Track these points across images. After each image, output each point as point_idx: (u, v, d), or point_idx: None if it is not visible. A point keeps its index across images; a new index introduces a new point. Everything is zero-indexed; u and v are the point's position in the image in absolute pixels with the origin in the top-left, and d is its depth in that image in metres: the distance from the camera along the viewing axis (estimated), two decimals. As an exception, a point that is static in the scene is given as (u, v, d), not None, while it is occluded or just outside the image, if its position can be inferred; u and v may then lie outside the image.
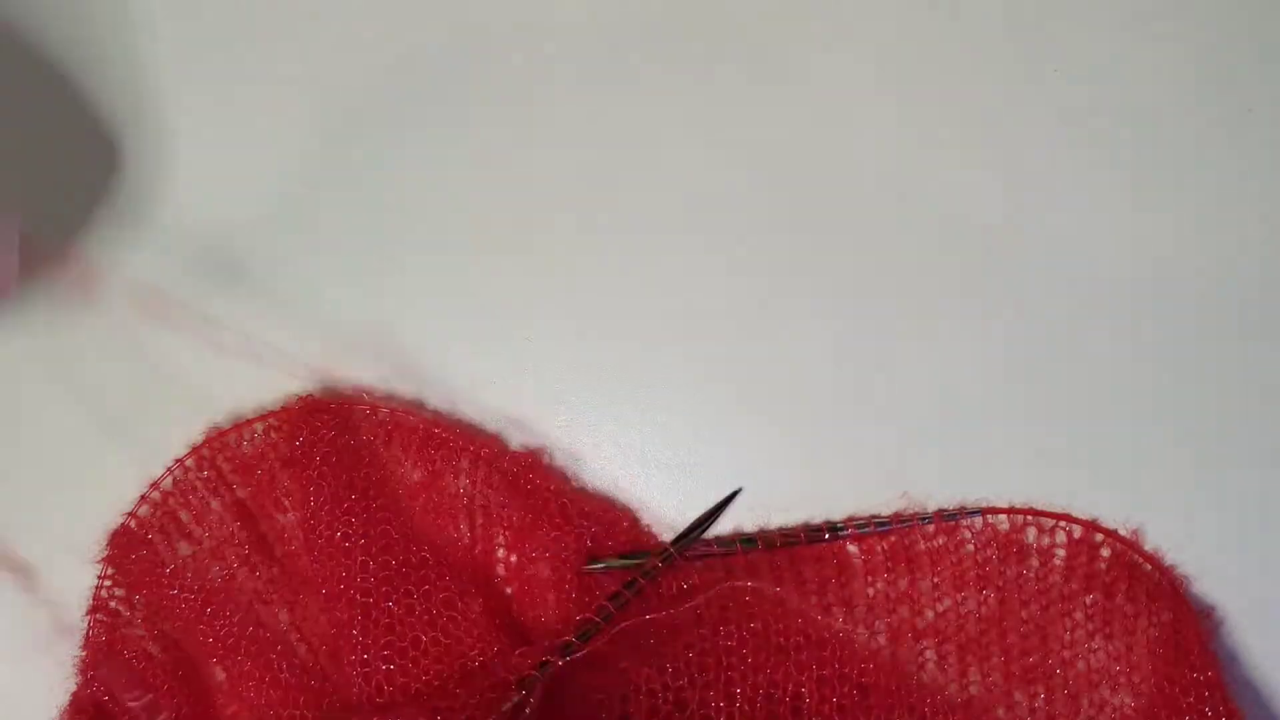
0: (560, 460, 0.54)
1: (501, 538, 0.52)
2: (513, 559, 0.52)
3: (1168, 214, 0.54)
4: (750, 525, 0.53)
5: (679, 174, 0.55)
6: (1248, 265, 0.53)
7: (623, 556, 0.51)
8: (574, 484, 0.54)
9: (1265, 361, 0.53)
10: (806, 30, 0.55)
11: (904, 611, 0.51)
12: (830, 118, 0.55)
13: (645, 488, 0.54)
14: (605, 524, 0.52)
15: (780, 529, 0.52)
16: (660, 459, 0.54)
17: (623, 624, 0.49)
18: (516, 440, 0.54)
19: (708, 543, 0.52)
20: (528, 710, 0.46)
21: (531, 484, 0.52)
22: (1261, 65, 0.55)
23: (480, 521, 0.52)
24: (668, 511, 0.53)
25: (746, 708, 0.48)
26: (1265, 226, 0.53)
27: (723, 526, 0.53)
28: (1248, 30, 0.55)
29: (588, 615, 0.49)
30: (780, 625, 0.50)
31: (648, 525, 0.53)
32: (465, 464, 0.53)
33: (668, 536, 0.53)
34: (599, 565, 0.51)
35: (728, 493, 0.53)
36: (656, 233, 0.55)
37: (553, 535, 0.51)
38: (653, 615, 0.49)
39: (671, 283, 0.55)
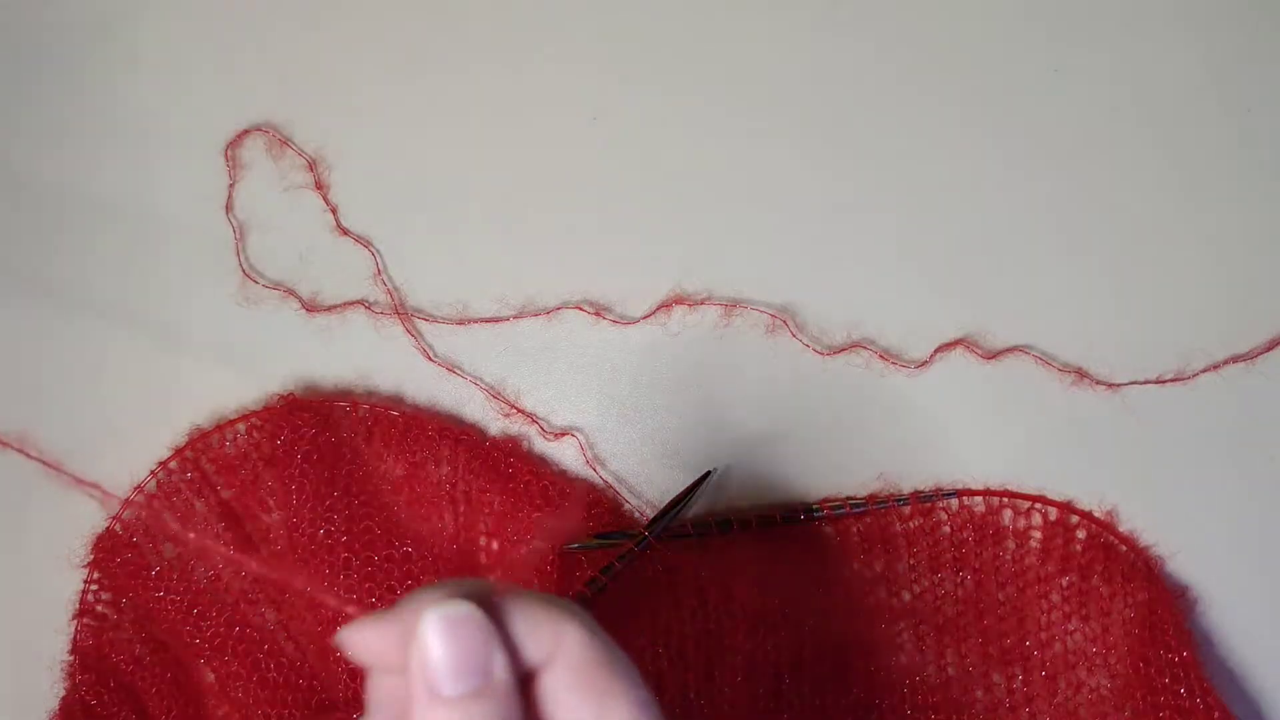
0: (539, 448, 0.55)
1: (484, 524, 0.53)
2: (494, 545, 0.53)
3: (1164, 211, 0.54)
4: (725, 506, 0.53)
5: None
6: (1229, 260, 0.54)
7: (601, 536, 0.51)
8: (553, 468, 0.54)
9: (1239, 346, 0.53)
10: None
11: (881, 593, 0.51)
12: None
13: (621, 467, 0.54)
14: (585, 505, 0.52)
15: (755, 510, 0.53)
16: (637, 440, 0.54)
17: (600, 608, 0.49)
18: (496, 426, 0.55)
19: (683, 524, 0.52)
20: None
21: (512, 468, 0.52)
22: (1261, 65, 0.55)
23: (463, 509, 0.53)
24: (646, 492, 0.54)
25: (726, 690, 0.48)
26: (1263, 227, 0.54)
27: (698, 507, 0.53)
28: (1248, 30, 0.55)
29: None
30: (757, 607, 0.50)
31: (627, 508, 0.54)
32: (446, 452, 0.53)
33: (648, 514, 0.53)
34: (578, 545, 0.51)
35: (701, 473, 0.53)
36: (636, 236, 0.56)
37: (534, 517, 0.51)
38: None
39: (653, 262, 0.55)
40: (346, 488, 0.52)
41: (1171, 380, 0.52)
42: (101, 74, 0.58)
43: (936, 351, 0.53)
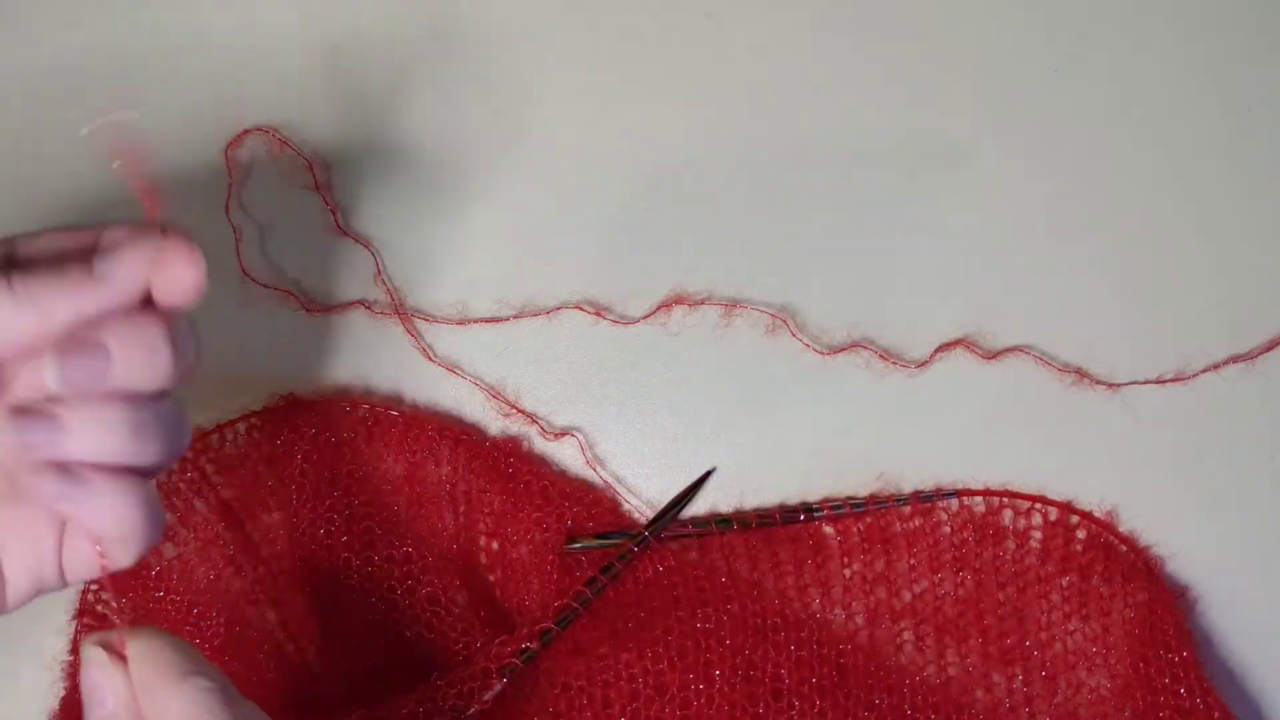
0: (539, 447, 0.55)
1: (484, 524, 0.53)
2: (494, 545, 0.53)
3: (1164, 211, 0.54)
4: (725, 506, 0.53)
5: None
6: (1229, 260, 0.54)
7: (601, 536, 0.52)
8: (553, 467, 0.54)
9: (1239, 346, 0.53)
10: None
11: (881, 593, 0.51)
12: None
13: (621, 467, 0.54)
14: (585, 505, 0.52)
15: (756, 510, 0.53)
16: (637, 440, 0.54)
17: (601, 608, 0.49)
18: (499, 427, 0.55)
19: (683, 524, 0.52)
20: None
21: (512, 467, 0.52)
22: (1261, 65, 0.55)
23: (463, 509, 0.53)
24: (648, 492, 0.54)
25: (726, 689, 0.48)
26: (1263, 227, 0.54)
27: (698, 507, 0.53)
28: (1248, 30, 0.55)
29: (566, 601, 0.49)
30: (758, 607, 0.50)
31: (626, 508, 0.54)
32: (445, 452, 0.53)
33: (646, 514, 0.53)
34: (578, 545, 0.51)
35: (701, 473, 0.53)
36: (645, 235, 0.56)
37: (533, 517, 0.51)
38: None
39: (653, 262, 0.55)
40: (346, 488, 0.52)
41: (1171, 380, 0.53)
42: (102, 74, 0.58)
43: (936, 351, 0.53)
